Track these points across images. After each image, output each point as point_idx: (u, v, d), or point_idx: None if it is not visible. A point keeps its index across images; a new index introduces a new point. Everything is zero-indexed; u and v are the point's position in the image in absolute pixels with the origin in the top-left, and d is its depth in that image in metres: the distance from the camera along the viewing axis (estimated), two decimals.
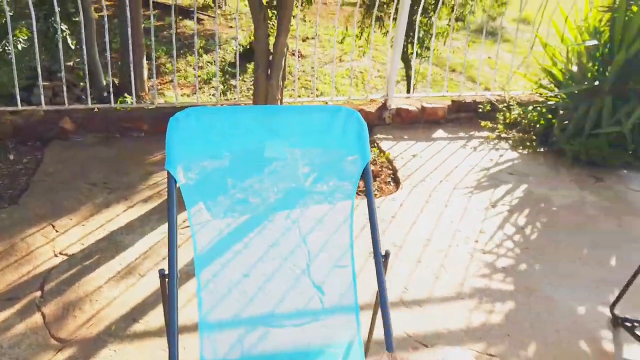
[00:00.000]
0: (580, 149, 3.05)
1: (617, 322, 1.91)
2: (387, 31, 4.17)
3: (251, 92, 4.21)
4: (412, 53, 4.10)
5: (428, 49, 4.44)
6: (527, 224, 2.51)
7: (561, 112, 3.28)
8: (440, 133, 3.41)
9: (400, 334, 1.79)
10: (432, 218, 2.50)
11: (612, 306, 1.94)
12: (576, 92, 3.17)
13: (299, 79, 3.95)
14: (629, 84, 3.01)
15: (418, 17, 3.79)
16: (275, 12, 3.69)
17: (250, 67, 4.57)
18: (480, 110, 3.56)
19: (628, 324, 1.87)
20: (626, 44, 2.92)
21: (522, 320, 1.91)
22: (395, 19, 3.42)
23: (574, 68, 3.30)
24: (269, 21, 2.61)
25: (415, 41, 3.76)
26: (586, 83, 3.13)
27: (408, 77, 4.43)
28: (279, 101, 2.67)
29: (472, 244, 2.33)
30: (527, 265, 2.22)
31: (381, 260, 1.43)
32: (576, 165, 3.07)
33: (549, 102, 3.37)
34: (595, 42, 3.12)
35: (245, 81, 4.44)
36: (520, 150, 3.24)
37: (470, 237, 2.37)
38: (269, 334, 1.60)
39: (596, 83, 3.10)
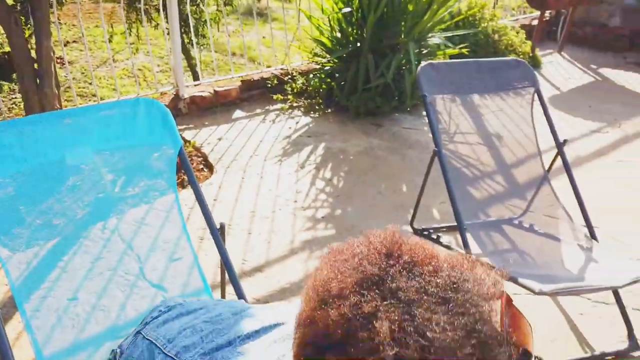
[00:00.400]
0: (358, 103, 3.49)
1: (417, 233, 2.32)
2: (158, 24, 4.06)
3: (14, 112, 3.69)
4: (189, 42, 4.08)
5: (204, 36, 4.47)
6: (333, 175, 2.81)
7: (336, 75, 3.69)
8: (238, 113, 3.52)
9: (250, 301, 1.87)
10: (251, 191, 2.61)
11: (411, 222, 2.34)
12: (344, 55, 3.59)
13: (70, 87, 3.61)
14: (382, 41, 3.54)
15: (188, 6, 3.79)
16: (23, 17, 3.27)
17: (5, 84, 3.99)
18: (269, 85, 3.77)
19: (426, 233, 2.29)
20: (373, 7, 3.41)
21: None
22: (165, 11, 3.36)
23: (338, 34, 3.72)
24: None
25: (192, 30, 3.76)
26: (350, 46, 3.57)
27: (192, 67, 4.41)
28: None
29: (292, 204, 2.52)
30: (341, 209, 2.50)
31: (218, 234, 1.47)
32: (359, 118, 3.51)
33: (326, 68, 3.74)
34: (349, 9, 3.56)
35: (3, 100, 3.86)
36: (312, 115, 3.56)
37: (290, 199, 2.56)
38: None
39: (358, 44, 3.56)
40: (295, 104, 3.68)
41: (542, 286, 1.44)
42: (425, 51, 3.62)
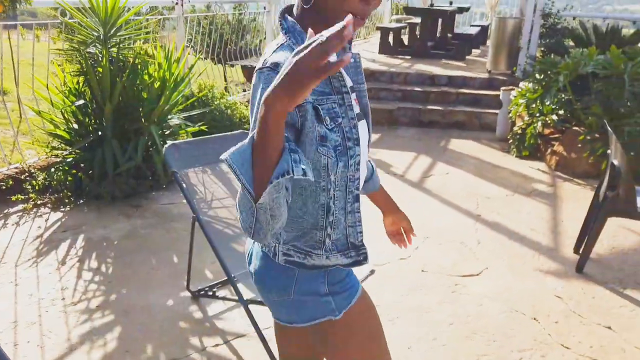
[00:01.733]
0: (112, 188, 3.52)
1: (195, 295, 2.51)
2: None
3: None
4: None
5: None
6: (99, 264, 2.78)
7: (82, 165, 3.64)
8: None
9: None
10: (7, 301, 2.39)
11: (187, 286, 2.52)
12: (87, 145, 3.59)
13: None
14: (125, 125, 3.68)
15: None
16: None
17: None
18: (4, 187, 3.47)
19: (202, 292, 2.50)
20: (107, 98, 3.54)
21: (132, 333, 2.22)
22: None
23: (75, 126, 3.70)
24: None
25: None
26: (91, 135, 3.60)
27: None
28: None
29: (60, 302, 2.41)
30: (116, 293, 2.51)
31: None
32: (116, 202, 3.53)
33: (68, 160, 3.66)
34: (82, 101, 3.61)
35: None
36: (63, 209, 3.42)
37: (56, 298, 2.44)
38: None
39: (99, 133, 3.62)
40: (40, 202, 3.47)
41: None
42: (168, 132, 3.91)
